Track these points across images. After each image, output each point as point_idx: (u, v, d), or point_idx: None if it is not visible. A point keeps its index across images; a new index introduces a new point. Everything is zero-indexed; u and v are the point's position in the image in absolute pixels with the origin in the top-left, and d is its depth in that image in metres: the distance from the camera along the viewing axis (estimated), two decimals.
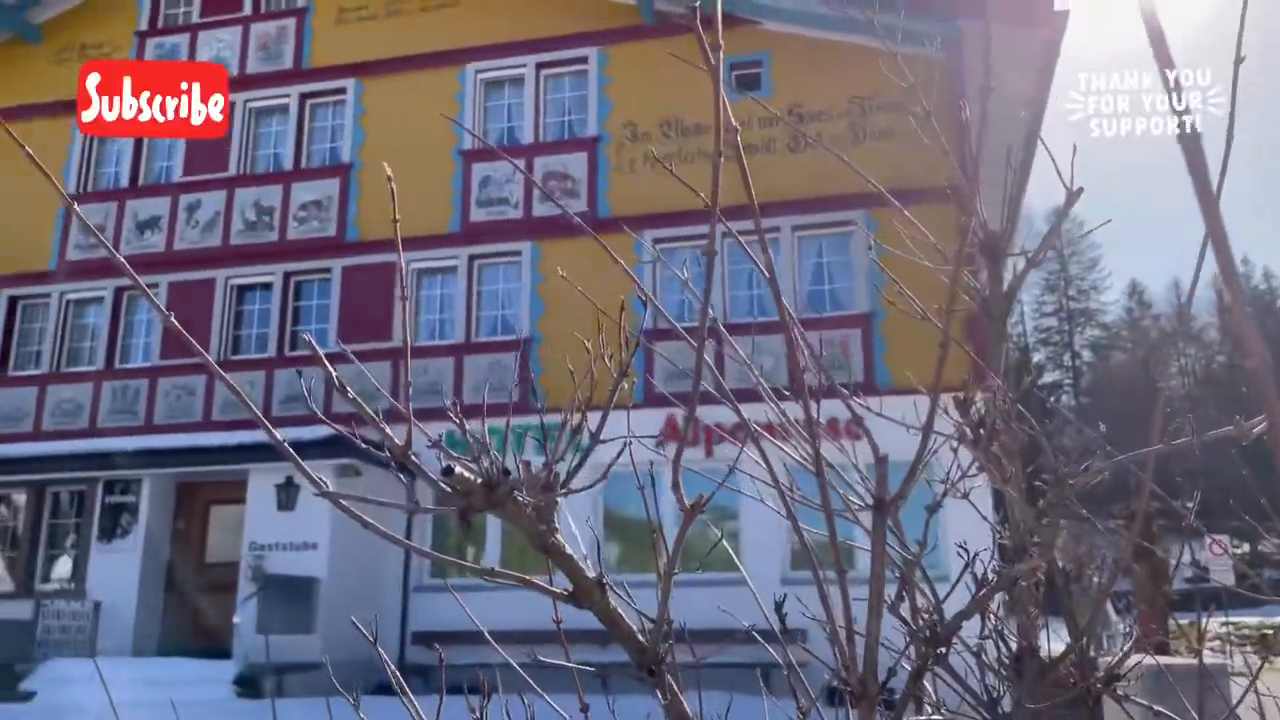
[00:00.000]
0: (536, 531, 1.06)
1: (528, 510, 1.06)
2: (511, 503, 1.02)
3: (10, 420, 14.31)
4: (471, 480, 1.00)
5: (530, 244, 13.42)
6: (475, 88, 14.31)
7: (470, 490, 1.00)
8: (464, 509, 1.01)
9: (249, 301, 14.42)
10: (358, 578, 11.23)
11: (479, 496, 1.01)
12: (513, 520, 1.02)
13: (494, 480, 1.01)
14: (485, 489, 1.00)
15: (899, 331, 11.49)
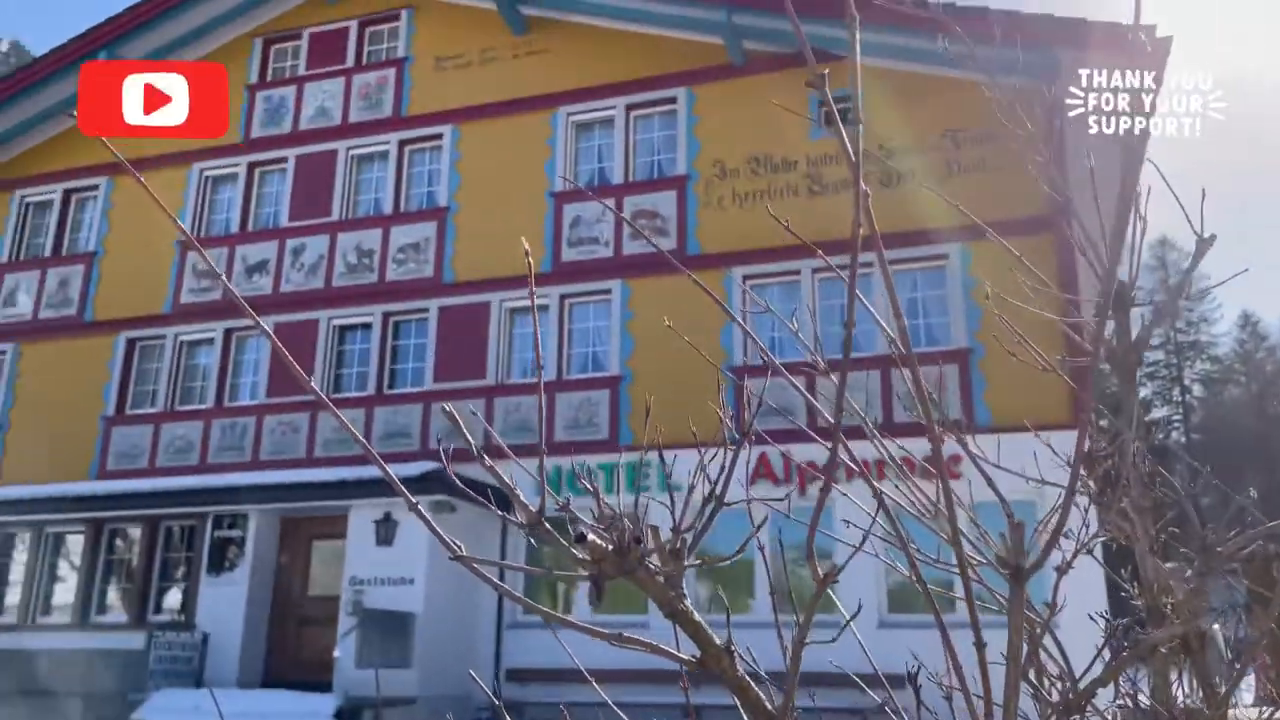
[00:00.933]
0: (667, 598, 1.06)
1: (658, 578, 1.06)
2: (643, 570, 1.02)
3: (127, 457, 15.01)
4: (604, 548, 1.00)
5: (620, 282, 13.55)
6: (566, 130, 14.61)
7: (603, 557, 1.01)
8: (597, 576, 1.02)
9: (350, 341, 14.88)
10: (453, 613, 11.37)
11: (612, 564, 1.01)
12: (642, 586, 1.02)
13: (627, 548, 1.01)
14: (618, 556, 1.01)
15: (999, 368, 11.19)
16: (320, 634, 11.92)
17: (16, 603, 13.18)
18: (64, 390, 15.68)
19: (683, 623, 1.09)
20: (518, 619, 12.35)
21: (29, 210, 17.42)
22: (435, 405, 13.76)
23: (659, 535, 1.06)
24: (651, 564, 1.05)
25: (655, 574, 1.05)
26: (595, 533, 1.02)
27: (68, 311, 16.23)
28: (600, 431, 12.88)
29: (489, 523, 12.58)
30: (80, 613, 12.70)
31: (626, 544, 1.01)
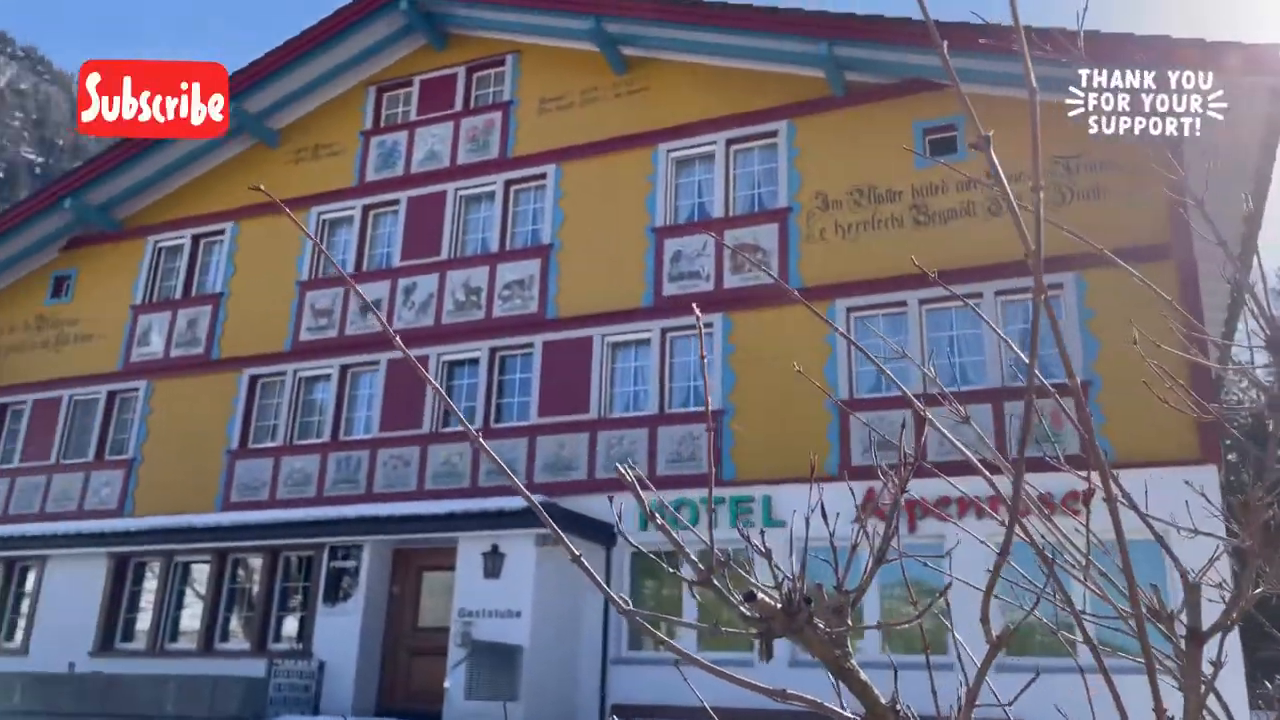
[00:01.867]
0: (833, 657, 1.05)
1: (824, 636, 1.05)
2: (809, 628, 1.02)
3: (250, 489, 15.66)
4: (772, 606, 1.01)
5: (721, 316, 13.54)
6: (667, 166, 14.76)
7: (772, 615, 1.01)
8: (765, 633, 1.02)
9: (458, 376, 15.25)
10: (558, 647, 11.44)
11: (780, 622, 1.01)
12: (808, 645, 1.02)
13: (795, 607, 1.01)
14: (786, 615, 1.01)
15: (1118, 401, 10.73)
16: (431, 664, 12.13)
17: (146, 628, 13.84)
18: (192, 425, 16.50)
19: (849, 681, 1.07)
20: (622, 654, 12.34)
21: (161, 255, 18.49)
22: (540, 439, 13.95)
23: (823, 594, 1.06)
24: (818, 623, 1.04)
25: (822, 633, 1.04)
26: (764, 591, 1.02)
27: (196, 350, 17.11)
28: (702, 465, 12.84)
29: (593, 555, 12.65)
30: (205, 639, 13.25)
31: (796, 604, 1.01)
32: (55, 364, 18.20)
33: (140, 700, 10.23)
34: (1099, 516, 1.65)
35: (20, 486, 17.49)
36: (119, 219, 18.79)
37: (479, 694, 10.10)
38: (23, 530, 15.31)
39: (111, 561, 14.18)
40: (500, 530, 11.55)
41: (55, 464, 17.37)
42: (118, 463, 16.83)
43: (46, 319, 18.79)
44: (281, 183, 17.67)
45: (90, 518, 16.10)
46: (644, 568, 12.91)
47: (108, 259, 18.74)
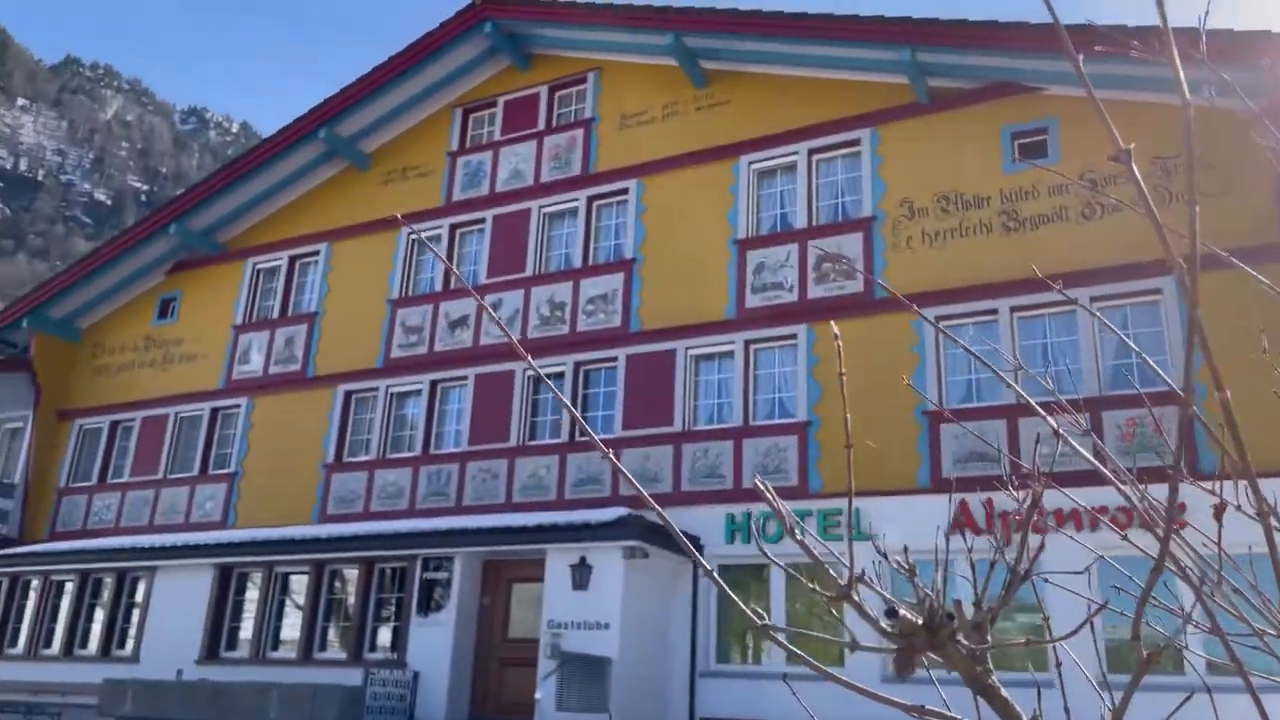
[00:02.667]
0: (974, 674, 1.05)
1: (967, 652, 1.05)
2: (952, 645, 1.02)
3: (345, 502, 16.12)
4: (915, 623, 1.02)
5: (805, 327, 13.44)
6: (748, 178, 14.75)
7: (914, 632, 1.02)
8: (905, 650, 1.03)
9: (544, 390, 15.44)
10: (646, 660, 11.47)
11: (922, 639, 1.02)
12: (949, 662, 1.02)
13: (938, 623, 1.02)
14: (928, 632, 1.02)
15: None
16: (521, 675, 12.28)
17: (249, 637, 14.33)
18: (290, 440, 17.07)
19: (990, 698, 1.07)
20: (710, 668, 12.30)
21: (260, 276, 19.21)
22: (625, 451, 14.03)
23: (963, 610, 1.06)
24: (960, 639, 1.04)
25: (965, 649, 1.04)
26: (907, 608, 1.03)
27: (293, 368, 17.71)
28: (789, 478, 12.75)
29: (681, 568, 12.66)
30: (304, 648, 13.66)
31: (938, 621, 1.02)
32: (162, 382, 19.04)
33: (244, 707, 10.60)
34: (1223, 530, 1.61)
35: (130, 500, 18.33)
36: (220, 242, 19.60)
37: (569, 705, 10.18)
38: (134, 542, 16.02)
39: (216, 572, 14.74)
40: (588, 542, 11.65)
41: (163, 478, 18.15)
42: (221, 477, 17.51)
43: (154, 340, 19.68)
44: (372, 204, 18.22)
45: (196, 530, 16.78)
46: (732, 581, 12.86)
47: (210, 281, 19.55)
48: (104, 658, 15.24)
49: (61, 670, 15.40)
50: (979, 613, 1.04)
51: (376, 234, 17.92)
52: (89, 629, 15.90)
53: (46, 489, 19.35)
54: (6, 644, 16.53)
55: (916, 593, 1.07)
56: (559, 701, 10.16)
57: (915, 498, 11.65)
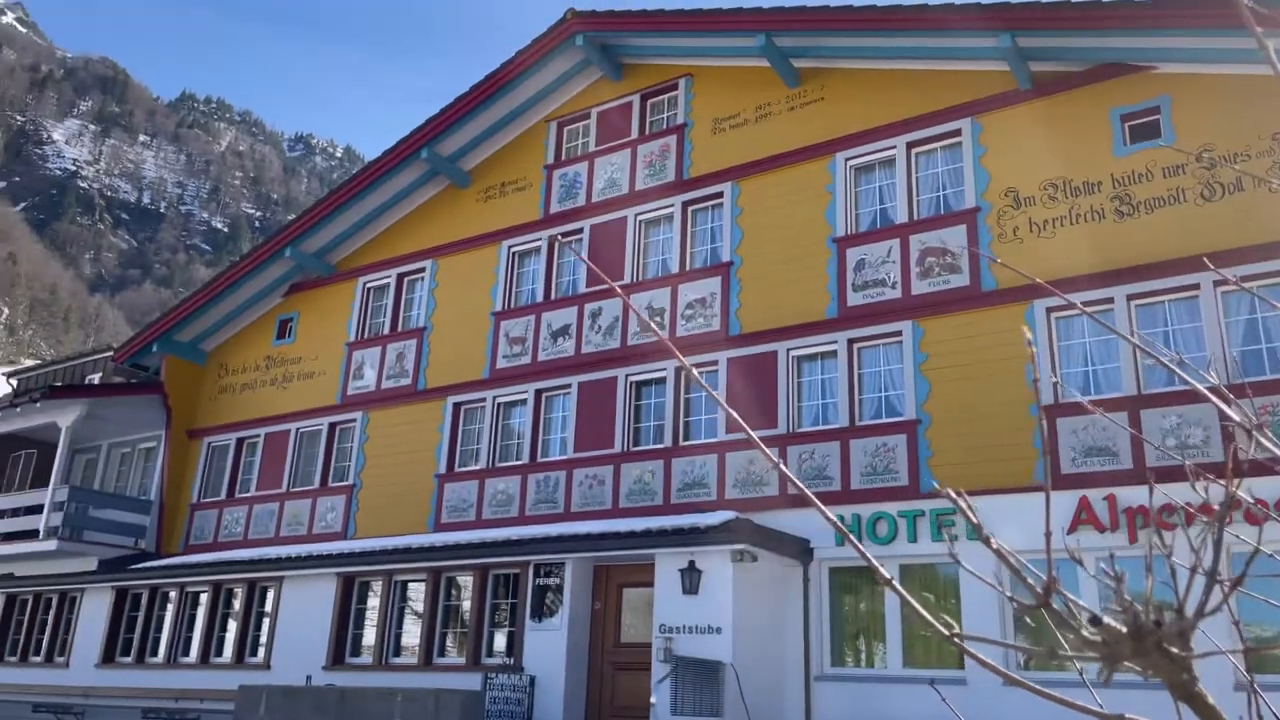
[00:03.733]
0: (1181, 682, 1.05)
1: (1174, 660, 1.05)
2: (1157, 653, 1.02)
3: (458, 511, 16.54)
4: (1120, 630, 1.02)
5: (911, 324, 13.21)
6: (846, 174, 14.58)
7: (1118, 640, 1.03)
8: (1108, 657, 1.03)
9: (645, 396, 15.56)
10: (759, 663, 11.43)
11: (1126, 647, 1.03)
12: (1156, 670, 1.02)
13: (1144, 631, 1.02)
14: (1133, 640, 1.02)
15: None
16: (635, 680, 12.39)
17: (372, 644, 14.83)
18: (404, 451, 17.61)
19: (1198, 707, 1.06)
20: (825, 671, 12.19)
21: (370, 294, 19.88)
22: (729, 455, 14.03)
23: (1162, 613, 1.05)
24: (1167, 648, 1.04)
25: (1173, 657, 1.04)
26: (1112, 616, 1.03)
27: (404, 381, 18.27)
28: (899, 478, 12.54)
29: (791, 571, 12.58)
30: (425, 654, 14.07)
31: (1146, 628, 1.02)
32: (283, 400, 19.88)
33: (371, 711, 10.98)
34: None
35: (257, 513, 19.19)
36: (332, 263, 20.37)
37: (684, 710, 10.23)
38: (261, 554, 16.77)
39: (339, 581, 15.30)
40: (696, 546, 11.68)
41: (286, 492, 18.94)
42: (340, 489, 18.18)
43: (274, 359, 20.57)
44: (473, 220, 18.67)
45: (319, 541, 17.46)
46: (843, 584, 12.72)
47: (324, 301, 20.34)
48: (238, 664, 15.99)
49: (199, 677, 16.22)
50: (1181, 619, 1.03)
51: (478, 249, 18.35)
52: (223, 638, 16.70)
53: (180, 504, 20.41)
54: (148, 653, 17.49)
55: (1118, 598, 1.06)
56: (674, 705, 10.22)
57: (1031, 495, 11.31)
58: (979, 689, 10.79)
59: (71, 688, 17.73)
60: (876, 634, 12.31)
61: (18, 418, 20.47)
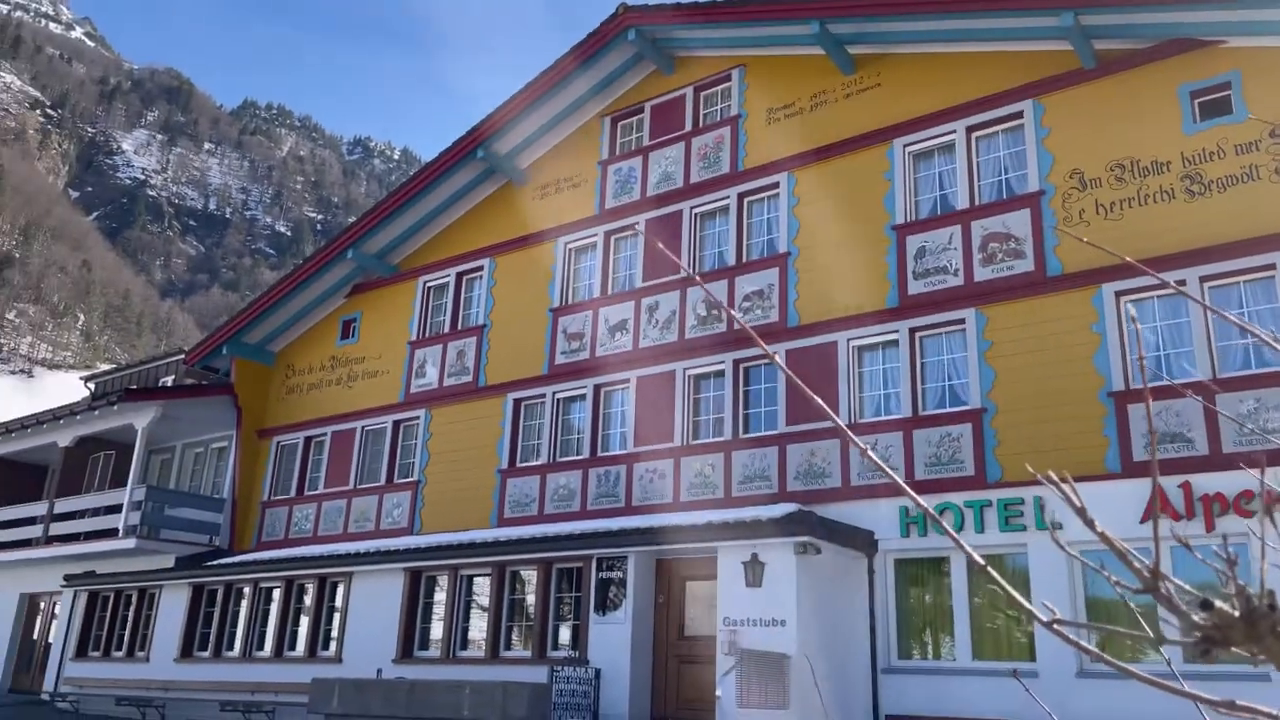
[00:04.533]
0: None
1: None
2: (1272, 636, 1.00)
3: (520, 505, 16.71)
4: (1231, 615, 1.01)
5: (974, 311, 12.99)
6: (904, 161, 14.37)
7: (1230, 625, 1.01)
8: (1217, 643, 1.01)
9: (704, 389, 15.54)
10: (825, 656, 11.36)
11: (1238, 631, 1.01)
12: (1267, 653, 1.00)
13: (1258, 615, 1.00)
14: (1246, 624, 1.01)
15: None
16: (699, 672, 12.41)
17: (439, 637, 15.06)
18: (466, 448, 17.84)
19: None
20: (892, 664, 12.07)
21: (430, 293, 20.16)
22: (790, 447, 13.95)
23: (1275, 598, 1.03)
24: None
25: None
26: (1223, 600, 1.02)
27: (465, 379, 18.49)
28: (965, 468, 12.35)
29: (855, 563, 12.48)
30: (491, 647, 14.24)
31: (1259, 612, 1.00)
32: (348, 399, 20.27)
33: (440, 703, 11.15)
34: None
35: (326, 510, 19.60)
36: (393, 264, 20.70)
37: (750, 702, 10.21)
38: (332, 549, 17.12)
39: (406, 576, 15.56)
40: (759, 539, 11.64)
41: (353, 489, 19.32)
42: (406, 485, 18.48)
43: (338, 359, 20.98)
44: (530, 217, 18.81)
45: (386, 536, 17.78)
46: (909, 575, 12.57)
47: (386, 301, 20.68)
48: (310, 658, 16.36)
49: (273, 671, 16.63)
50: None
51: (536, 246, 18.49)
52: (296, 632, 17.09)
53: (251, 502, 20.94)
54: (224, 647, 17.98)
55: (1230, 583, 1.04)
56: (740, 698, 10.21)
57: (1103, 484, 11.06)
58: (1051, 680, 10.59)
59: (152, 682, 18.31)
60: (944, 626, 12.15)
61: (96, 420, 21.17)
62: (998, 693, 10.97)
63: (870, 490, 12.88)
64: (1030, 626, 11.38)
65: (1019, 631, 11.63)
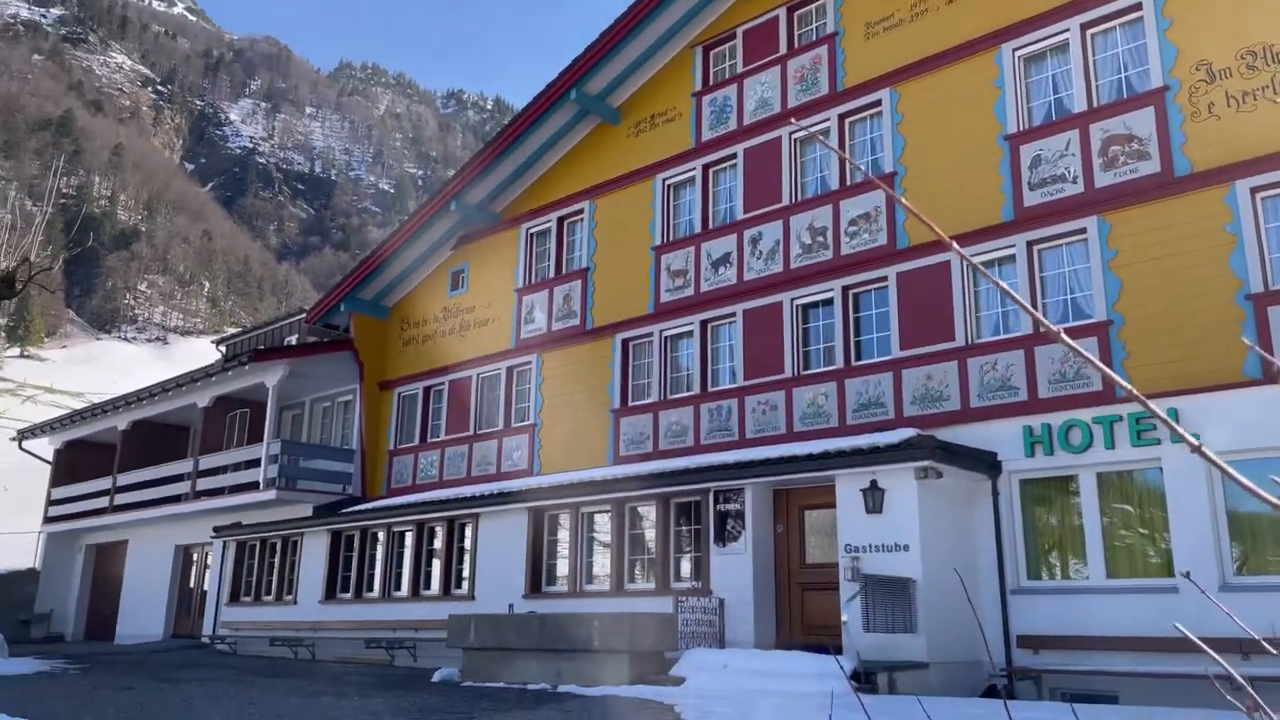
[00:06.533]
0: None
1: None
2: None
3: (635, 444, 16.93)
4: None
5: (1096, 219, 12.39)
6: (1014, 66, 13.69)
7: None
8: None
9: (813, 319, 15.34)
10: (951, 579, 11.26)
11: None
12: None
13: None
14: None
15: None
16: (822, 599, 12.47)
17: (565, 573, 15.51)
18: (579, 389, 18.14)
19: None
20: (1021, 584, 11.86)
21: (533, 240, 20.37)
22: (905, 372, 13.69)
23: None
24: None
25: None
26: None
27: (573, 322, 18.72)
28: (1092, 383, 11.91)
29: (978, 485, 12.25)
30: (615, 581, 14.61)
31: None
32: (463, 347, 20.80)
33: (571, 635, 11.52)
34: None
35: (449, 455, 20.29)
36: (496, 212, 20.96)
37: (877, 627, 10.22)
38: (457, 493, 17.75)
39: (530, 515, 16.03)
40: (877, 466, 11.53)
41: (473, 434, 19.92)
42: (523, 429, 18.95)
43: (450, 310, 21.49)
44: (626, 156, 18.72)
45: (507, 478, 18.31)
46: (1035, 495, 12.28)
47: (491, 250, 21.01)
48: (445, 596, 17.10)
49: (411, 609, 17.45)
50: None
51: (634, 184, 18.43)
52: (429, 572, 17.86)
53: (379, 451, 21.82)
54: (364, 588, 18.94)
55: None
56: (866, 623, 10.22)
57: (1241, 392, 10.53)
58: (1191, 596, 10.25)
59: (300, 623, 19.46)
60: (1074, 545, 11.85)
61: (230, 380, 22.32)
62: (1134, 610, 10.68)
63: (991, 411, 12.57)
64: (1165, 544, 11.00)
65: (1153, 549, 11.27)
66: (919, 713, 7.12)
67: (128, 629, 25.43)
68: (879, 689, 9.60)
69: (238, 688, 11.88)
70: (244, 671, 14.87)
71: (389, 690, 11.26)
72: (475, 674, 12.40)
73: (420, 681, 12.62)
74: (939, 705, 7.42)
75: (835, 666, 9.45)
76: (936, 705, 7.67)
